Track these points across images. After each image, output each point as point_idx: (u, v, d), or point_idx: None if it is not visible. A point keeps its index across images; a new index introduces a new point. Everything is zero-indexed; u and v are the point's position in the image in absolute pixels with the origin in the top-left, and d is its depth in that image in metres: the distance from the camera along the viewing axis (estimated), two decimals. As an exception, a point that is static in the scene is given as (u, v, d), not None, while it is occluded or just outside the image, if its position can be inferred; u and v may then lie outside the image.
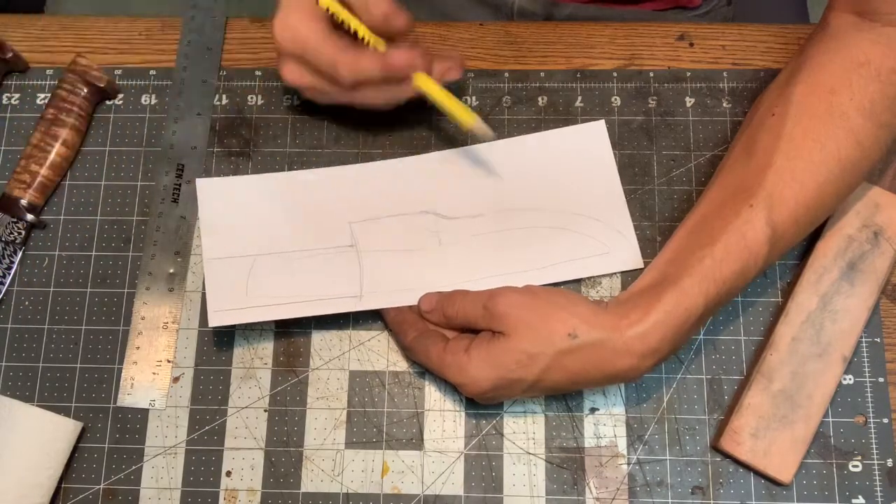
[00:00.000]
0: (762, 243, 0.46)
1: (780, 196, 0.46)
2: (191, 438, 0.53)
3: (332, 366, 0.54)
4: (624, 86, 0.59)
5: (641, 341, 0.45)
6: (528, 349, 0.46)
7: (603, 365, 0.45)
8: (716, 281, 0.45)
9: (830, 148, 0.46)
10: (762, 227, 0.46)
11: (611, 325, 0.45)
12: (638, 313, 0.45)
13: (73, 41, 0.61)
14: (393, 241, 0.54)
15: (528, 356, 0.46)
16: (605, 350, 0.45)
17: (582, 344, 0.45)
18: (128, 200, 0.57)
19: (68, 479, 0.52)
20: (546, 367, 0.46)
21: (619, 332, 0.45)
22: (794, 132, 0.47)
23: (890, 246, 0.52)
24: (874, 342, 0.53)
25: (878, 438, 0.51)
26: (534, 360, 0.46)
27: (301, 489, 0.51)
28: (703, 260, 0.46)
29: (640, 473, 0.51)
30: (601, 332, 0.45)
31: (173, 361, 0.54)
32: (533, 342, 0.46)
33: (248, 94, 0.60)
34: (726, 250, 0.46)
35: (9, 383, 0.54)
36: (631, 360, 0.45)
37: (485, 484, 0.51)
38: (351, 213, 0.55)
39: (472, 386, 0.47)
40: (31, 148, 0.56)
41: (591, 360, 0.45)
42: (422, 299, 0.52)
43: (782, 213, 0.46)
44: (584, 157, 0.56)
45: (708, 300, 0.45)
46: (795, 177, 0.46)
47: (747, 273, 0.46)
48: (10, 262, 0.56)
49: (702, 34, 0.60)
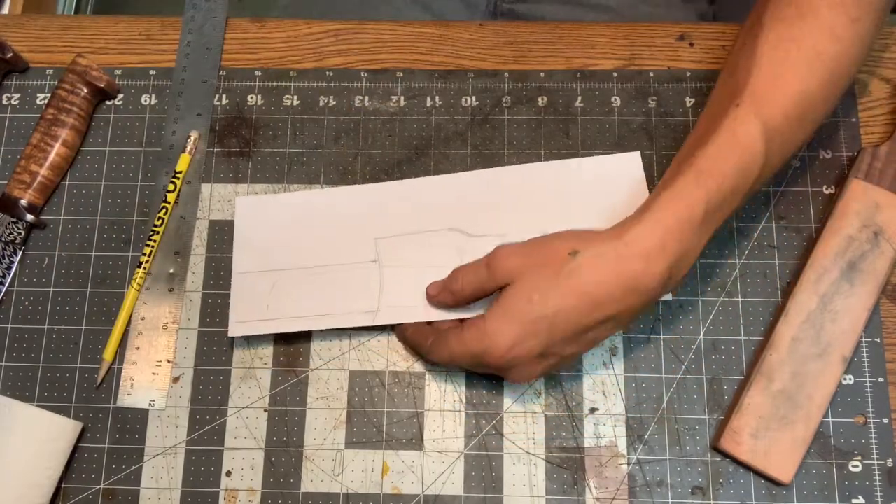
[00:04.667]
0: (755, 138, 0.45)
1: (763, 92, 0.46)
2: (191, 438, 0.53)
3: (332, 366, 0.54)
4: (624, 86, 0.59)
5: (643, 240, 0.44)
6: (534, 283, 0.45)
7: (614, 275, 0.44)
8: (714, 176, 0.45)
9: (807, 44, 0.46)
10: (752, 121, 0.45)
11: (609, 235, 0.45)
12: (634, 218, 0.45)
13: (73, 41, 0.61)
14: (416, 258, 0.54)
15: (536, 290, 0.45)
16: (608, 258, 0.44)
17: (583, 259, 0.44)
18: (128, 200, 0.57)
19: (68, 479, 0.52)
20: (558, 295, 0.44)
21: (617, 238, 0.44)
22: (768, 39, 0.47)
23: (890, 246, 0.52)
24: (874, 342, 0.53)
25: (878, 438, 0.51)
26: (543, 293, 0.45)
27: (301, 489, 0.51)
28: (696, 160, 0.45)
29: (640, 473, 0.51)
30: (600, 242, 0.45)
31: (173, 361, 0.54)
32: (537, 275, 0.45)
33: (248, 94, 0.60)
34: (719, 148, 0.45)
35: (9, 383, 0.54)
36: (639, 263, 0.44)
37: (485, 484, 0.51)
38: (377, 229, 0.55)
39: (494, 348, 0.45)
40: (31, 148, 0.56)
41: (600, 272, 0.44)
42: (428, 288, 0.52)
43: (770, 108, 0.46)
44: (616, 186, 0.55)
45: (710, 194, 0.44)
46: (777, 74, 0.46)
47: (748, 170, 0.45)
48: (10, 262, 0.56)
49: (702, 34, 0.60)
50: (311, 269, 0.54)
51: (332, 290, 0.53)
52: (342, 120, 0.59)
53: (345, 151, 0.58)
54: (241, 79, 0.60)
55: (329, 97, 0.59)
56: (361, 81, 0.59)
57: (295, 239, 0.55)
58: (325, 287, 0.53)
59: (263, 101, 0.59)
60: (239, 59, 0.61)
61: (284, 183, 0.57)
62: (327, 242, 0.55)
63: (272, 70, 0.60)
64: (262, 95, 0.59)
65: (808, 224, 0.55)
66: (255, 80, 0.60)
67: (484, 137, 0.58)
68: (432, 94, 0.59)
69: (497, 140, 0.58)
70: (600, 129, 0.58)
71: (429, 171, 0.57)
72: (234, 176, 0.58)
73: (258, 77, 0.60)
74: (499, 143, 0.58)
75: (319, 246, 0.55)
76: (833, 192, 0.56)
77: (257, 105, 0.59)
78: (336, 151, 0.58)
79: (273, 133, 0.59)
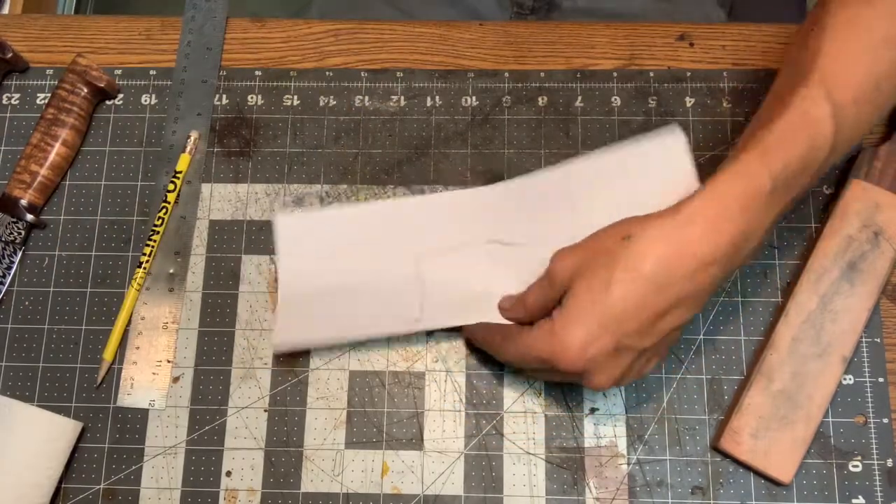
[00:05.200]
0: (825, 118, 0.44)
1: (833, 75, 0.44)
2: (191, 438, 0.53)
3: (332, 366, 0.54)
4: (624, 86, 0.59)
5: (702, 211, 0.43)
6: (593, 277, 0.43)
7: (673, 252, 0.42)
8: (780, 154, 0.43)
9: (876, 29, 0.45)
10: (822, 102, 0.44)
11: (665, 214, 0.44)
12: (692, 196, 0.44)
13: (73, 41, 0.61)
14: (455, 271, 0.53)
15: (597, 284, 0.43)
16: (666, 235, 0.43)
17: (639, 241, 0.43)
18: (128, 200, 0.57)
19: (68, 479, 0.52)
20: (619, 283, 0.43)
21: (674, 215, 0.43)
22: (836, 25, 0.45)
23: (890, 246, 0.52)
24: (874, 342, 0.53)
25: (878, 438, 0.51)
26: (604, 284, 0.43)
27: (301, 489, 0.51)
28: (762, 139, 0.44)
29: (640, 473, 0.51)
30: (655, 221, 0.43)
31: (173, 361, 0.54)
32: (595, 268, 0.44)
33: (248, 94, 0.60)
34: (787, 127, 0.44)
35: (9, 383, 0.54)
36: (699, 235, 0.42)
37: (485, 484, 0.51)
38: (416, 243, 0.54)
39: (566, 350, 0.44)
40: (31, 148, 0.56)
41: (658, 251, 0.42)
42: (501, 302, 0.51)
43: (840, 90, 0.44)
44: (661, 175, 0.50)
45: (774, 173, 0.43)
46: (846, 58, 0.45)
47: (817, 150, 0.44)
48: (10, 262, 0.56)
49: (702, 34, 0.60)
50: (353, 283, 0.53)
51: (372, 300, 0.53)
52: (342, 120, 0.59)
53: (345, 151, 0.58)
54: (241, 79, 0.60)
55: (329, 97, 0.59)
56: (361, 81, 0.59)
57: (337, 254, 0.54)
58: (366, 298, 0.53)
59: (263, 101, 0.59)
60: (239, 59, 0.61)
61: (284, 183, 0.57)
62: (366, 256, 0.54)
63: (272, 70, 0.60)
64: (262, 95, 0.59)
65: (808, 224, 0.55)
66: (255, 80, 0.60)
67: (484, 137, 0.58)
68: (432, 94, 0.59)
69: (497, 140, 0.58)
70: (600, 129, 0.58)
71: (429, 170, 0.57)
72: (234, 176, 0.58)
73: (258, 77, 0.60)
74: (499, 143, 0.58)
75: (359, 260, 0.54)
76: (833, 192, 0.56)
77: (257, 105, 0.59)
78: (336, 151, 0.58)
79: (273, 133, 0.59)
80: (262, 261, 0.56)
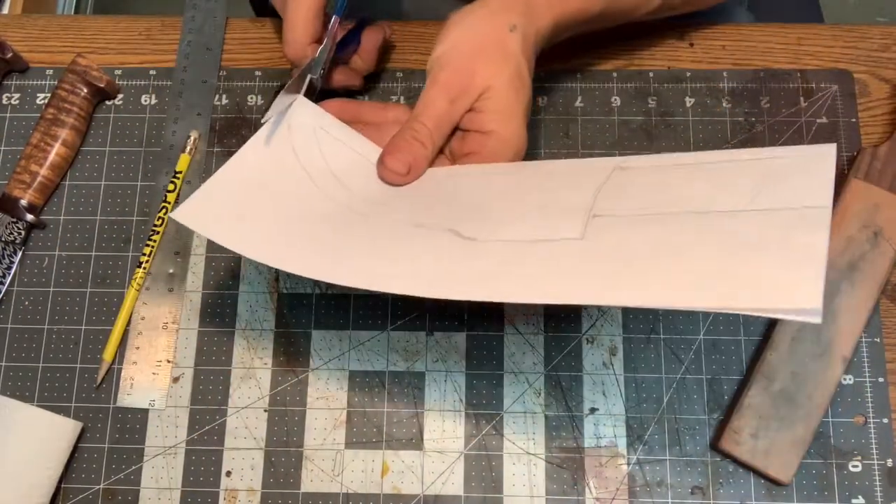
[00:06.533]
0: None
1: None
2: (191, 438, 0.53)
3: (332, 366, 0.54)
4: (624, 86, 0.59)
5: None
6: (506, 76, 0.46)
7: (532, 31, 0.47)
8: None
9: None
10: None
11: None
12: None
13: (73, 41, 0.61)
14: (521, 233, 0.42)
15: (515, 79, 0.46)
16: (529, 19, 0.47)
17: (520, 27, 0.46)
18: (128, 200, 0.57)
19: (68, 479, 0.52)
20: (527, 69, 0.47)
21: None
22: None
23: (890, 246, 0.52)
24: (874, 342, 0.53)
25: (877, 438, 0.51)
26: (520, 77, 0.46)
27: (301, 489, 0.51)
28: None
29: (640, 473, 0.51)
30: (519, 6, 0.47)
31: (173, 361, 0.54)
32: (503, 67, 0.46)
33: (248, 94, 0.60)
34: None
35: (9, 383, 0.54)
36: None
37: (485, 484, 0.51)
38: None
39: (522, 147, 0.47)
40: (31, 148, 0.56)
41: (531, 33, 0.47)
42: (387, 161, 0.46)
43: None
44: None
45: (606, 5, 0.50)
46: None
47: (636, 9, 0.52)
48: (10, 262, 0.56)
49: (702, 34, 0.60)
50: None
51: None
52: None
53: (345, 151, 0.58)
54: (241, 79, 0.60)
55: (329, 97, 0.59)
56: (361, 81, 0.59)
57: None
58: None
59: (263, 101, 0.59)
60: (239, 59, 0.61)
61: (284, 183, 0.57)
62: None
63: (272, 70, 0.60)
64: (262, 95, 0.59)
65: (808, 224, 0.55)
66: (255, 80, 0.60)
67: (484, 137, 0.58)
68: (432, 94, 0.59)
69: (497, 140, 0.58)
70: (600, 129, 0.58)
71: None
72: (234, 176, 0.58)
73: (258, 77, 0.60)
74: (499, 143, 0.58)
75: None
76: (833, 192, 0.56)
77: (257, 105, 0.59)
78: (336, 151, 0.58)
79: (273, 133, 0.58)
80: (262, 261, 0.56)
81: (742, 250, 0.36)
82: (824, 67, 0.59)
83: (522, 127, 0.47)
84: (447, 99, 0.46)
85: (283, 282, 0.55)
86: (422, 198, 0.46)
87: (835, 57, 0.59)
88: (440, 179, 0.47)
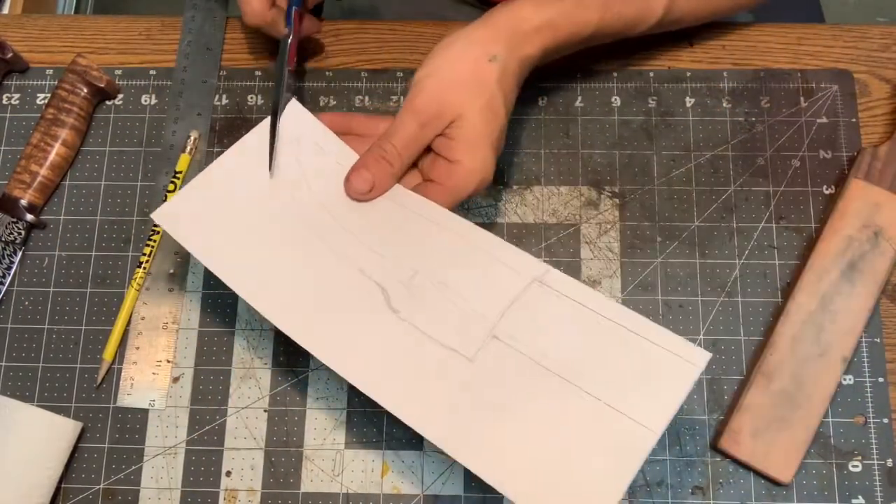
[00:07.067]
0: (662, 4, 0.52)
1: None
2: (191, 438, 0.53)
3: (332, 366, 0.53)
4: (624, 86, 0.59)
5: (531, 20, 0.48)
6: (479, 105, 0.47)
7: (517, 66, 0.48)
8: (612, 12, 0.50)
9: None
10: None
11: (510, 28, 0.48)
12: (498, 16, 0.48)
13: (73, 41, 0.61)
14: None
15: (486, 110, 0.47)
16: (511, 52, 0.48)
17: (502, 58, 0.47)
18: (128, 200, 0.57)
19: (68, 479, 0.52)
20: (503, 101, 0.48)
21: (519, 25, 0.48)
22: None
23: (890, 246, 0.52)
24: (874, 342, 0.53)
25: (877, 438, 0.51)
26: (493, 108, 0.47)
27: (301, 489, 0.51)
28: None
29: (640, 473, 0.51)
30: (507, 39, 0.48)
31: (173, 361, 0.54)
32: (477, 96, 0.47)
33: (248, 94, 0.60)
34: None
35: (9, 383, 0.54)
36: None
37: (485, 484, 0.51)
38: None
39: (487, 178, 0.48)
40: (31, 148, 0.56)
41: (513, 65, 0.48)
42: (352, 178, 0.47)
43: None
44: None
45: (601, 21, 0.50)
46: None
47: (637, 25, 0.52)
48: (10, 262, 0.56)
49: (702, 34, 0.60)
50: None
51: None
52: (342, 120, 0.58)
53: (345, 151, 0.58)
54: (241, 79, 0.60)
55: (329, 97, 0.59)
56: (361, 81, 0.59)
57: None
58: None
59: (263, 101, 0.59)
60: (239, 59, 0.61)
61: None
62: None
63: (272, 70, 0.60)
64: (262, 95, 0.59)
65: (808, 224, 0.55)
66: (255, 80, 0.60)
67: (484, 137, 0.58)
68: (432, 94, 0.59)
69: (497, 140, 0.58)
70: (600, 128, 0.58)
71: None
72: (234, 176, 0.58)
73: (258, 77, 0.60)
74: (499, 143, 0.58)
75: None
76: (833, 192, 0.56)
77: (257, 105, 0.59)
78: (336, 151, 0.58)
79: (273, 133, 0.58)
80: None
81: (567, 459, 0.40)
82: (824, 67, 0.59)
83: (490, 157, 0.47)
84: (418, 123, 0.47)
85: (283, 282, 0.55)
86: (378, 230, 0.47)
87: (835, 57, 0.59)
88: (402, 209, 0.48)
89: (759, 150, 0.57)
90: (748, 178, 0.56)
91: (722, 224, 0.55)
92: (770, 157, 0.57)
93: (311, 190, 0.49)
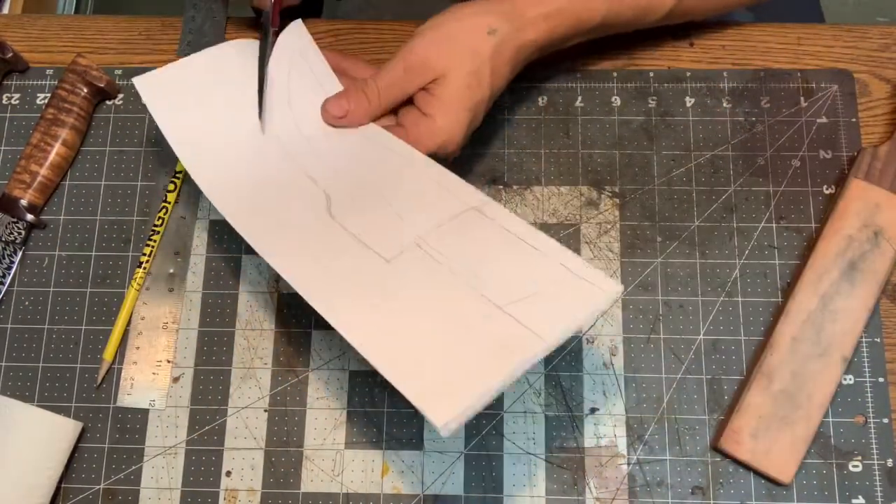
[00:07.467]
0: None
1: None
2: (191, 438, 0.53)
3: (332, 366, 0.54)
4: (624, 86, 0.59)
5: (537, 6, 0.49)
6: (467, 70, 0.47)
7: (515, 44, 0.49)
8: (621, 1, 0.51)
9: None
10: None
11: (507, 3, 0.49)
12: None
13: (73, 41, 0.61)
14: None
15: (472, 76, 0.48)
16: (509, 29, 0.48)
17: (499, 33, 0.48)
18: (128, 200, 0.57)
19: (68, 479, 0.52)
20: (491, 74, 0.48)
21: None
22: None
23: (890, 246, 0.52)
24: (874, 342, 0.53)
25: (878, 438, 0.51)
26: (479, 77, 0.48)
27: (301, 489, 0.51)
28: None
29: (640, 473, 0.51)
30: (507, 13, 0.48)
31: (173, 361, 0.54)
32: (468, 62, 0.48)
33: (248, 94, 0.59)
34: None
35: (9, 383, 0.54)
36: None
37: (485, 484, 0.51)
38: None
39: (452, 141, 0.48)
40: (31, 148, 0.56)
41: (511, 43, 0.48)
42: (328, 106, 0.51)
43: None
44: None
45: (609, 11, 0.50)
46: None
47: (646, 15, 0.53)
48: (10, 262, 0.56)
49: (702, 34, 0.60)
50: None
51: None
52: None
53: (345, 151, 0.58)
54: (241, 79, 0.60)
55: (329, 97, 0.59)
56: (361, 81, 0.59)
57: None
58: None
59: (263, 101, 0.59)
60: (239, 59, 0.61)
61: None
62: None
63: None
64: (262, 95, 0.59)
65: (808, 224, 0.55)
66: (255, 80, 0.60)
67: (484, 137, 0.58)
68: (432, 94, 0.59)
69: (497, 140, 0.58)
70: (600, 128, 0.58)
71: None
72: (234, 176, 0.58)
73: (258, 77, 0.60)
74: (499, 143, 0.58)
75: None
76: (833, 192, 0.56)
77: (257, 105, 0.59)
78: (336, 151, 0.58)
79: (273, 133, 0.58)
80: (263, 260, 0.56)
81: (452, 353, 0.41)
82: (824, 67, 0.59)
83: (461, 122, 0.48)
84: (403, 67, 0.49)
85: (283, 282, 0.55)
86: (337, 150, 0.50)
87: (835, 57, 0.59)
88: (366, 140, 0.51)
89: (759, 150, 0.57)
90: (748, 178, 0.56)
91: (722, 224, 0.55)
92: (770, 157, 0.57)
93: (290, 105, 0.52)
